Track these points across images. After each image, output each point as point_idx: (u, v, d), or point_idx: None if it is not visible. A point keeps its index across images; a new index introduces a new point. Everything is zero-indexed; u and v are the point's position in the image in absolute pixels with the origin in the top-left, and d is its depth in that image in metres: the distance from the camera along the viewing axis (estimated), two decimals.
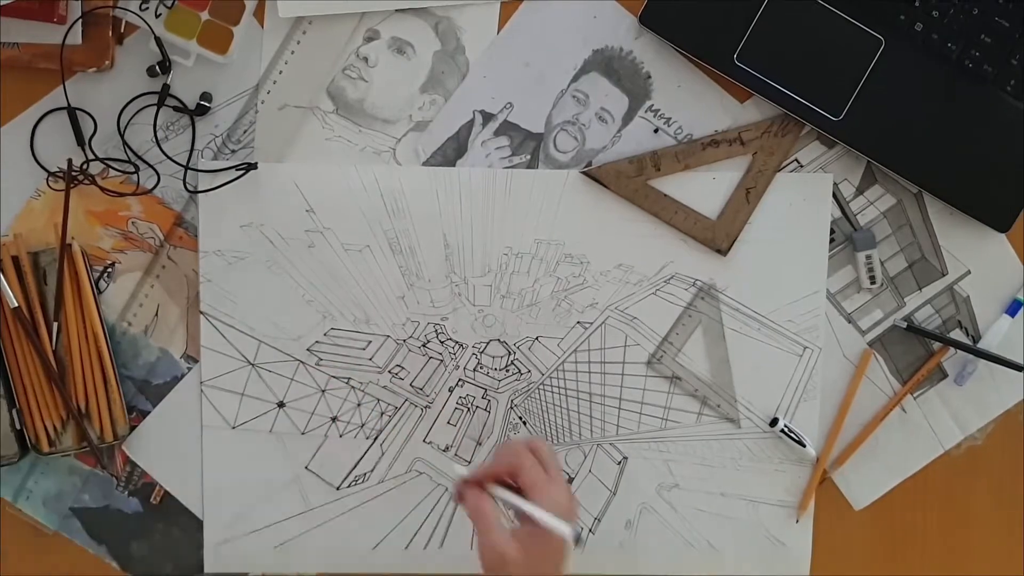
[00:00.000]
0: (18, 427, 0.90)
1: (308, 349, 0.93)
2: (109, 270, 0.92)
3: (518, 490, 0.74)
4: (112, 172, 0.92)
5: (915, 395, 0.94)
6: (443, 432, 0.94)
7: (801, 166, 0.93)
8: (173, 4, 0.90)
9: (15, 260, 0.89)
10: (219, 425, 0.93)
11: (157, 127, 0.91)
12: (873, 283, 0.91)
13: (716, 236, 0.91)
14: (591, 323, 0.93)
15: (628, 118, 0.92)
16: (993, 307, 0.94)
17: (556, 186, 0.92)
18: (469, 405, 0.94)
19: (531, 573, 0.71)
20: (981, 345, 0.93)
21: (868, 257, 0.92)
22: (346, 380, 0.93)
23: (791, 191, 0.92)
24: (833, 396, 0.94)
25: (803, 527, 0.94)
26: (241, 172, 0.90)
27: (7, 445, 0.90)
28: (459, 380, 0.94)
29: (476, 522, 0.73)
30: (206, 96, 0.91)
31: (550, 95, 0.92)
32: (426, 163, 0.92)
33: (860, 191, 0.93)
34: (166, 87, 0.90)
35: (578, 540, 0.69)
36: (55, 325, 0.90)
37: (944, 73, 0.90)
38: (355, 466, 0.94)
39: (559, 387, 0.94)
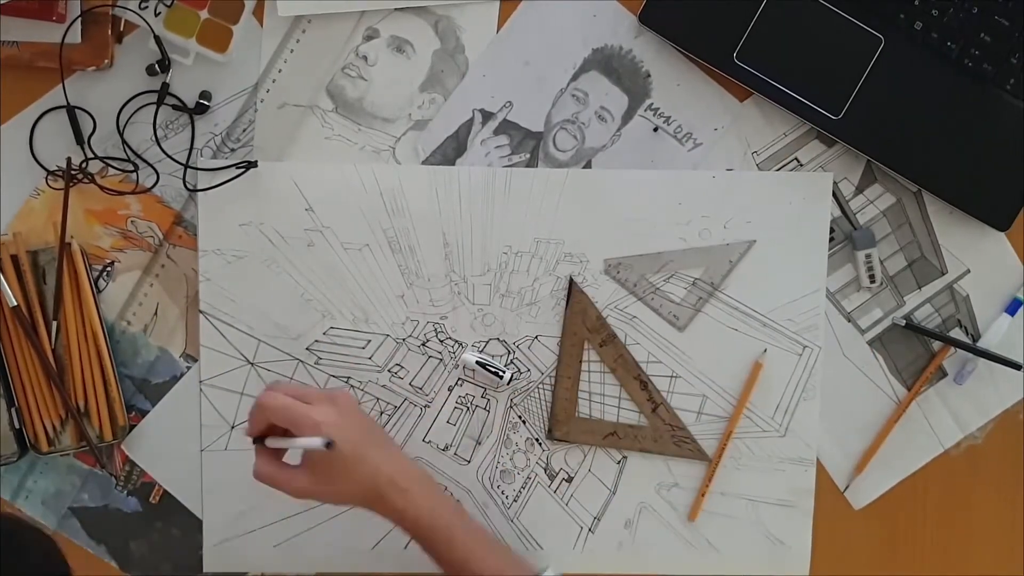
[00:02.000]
0: (17, 426, 0.90)
1: (307, 348, 0.93)
2: (108, 269, 0.92)
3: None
4: (111, 171, 0.92)
5: None
6: (442, 431, 0.94)
7: (801, 165, 0.93)
8: (172, 3, 0.90)
9: (14, 259, 0.89)
10: (218, 424, 0.93)
11: (156, 126, 0.91)
12: (872, 281, 0.91)
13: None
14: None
15: (628, 117, 0.92)
16: (993, 306, 0.94)
17: (556, 185, 0.92)
18: (468, 404, 0.94)
19: (329, 490, 0.79)
20: (981, 344, 0.93)
21: (868, 256, 0.92)
22: (345, 379, 0.93)
23: (791, 190, 0.92)
24: (833, 395, 0.93)
25: (803, 527, 0.94)
26: (241, 170, 0.90)
27: (6, 444, 0.90)
28: (458, 379, 0.94)
29: (268, 482, 0.80)
30: (205, 95, 0.91)
31: (549, 94, 0.92)
32: (425, 162, 0.92)
33: (860, 190, 0.93)
34: (165, 85, 0.90)
35: (329, 445, 0.74)
36: (54, 324, 0.90)
37: (944, 72, 0.90)
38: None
39: None
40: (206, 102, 0.91)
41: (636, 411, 0.93)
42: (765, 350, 0.93)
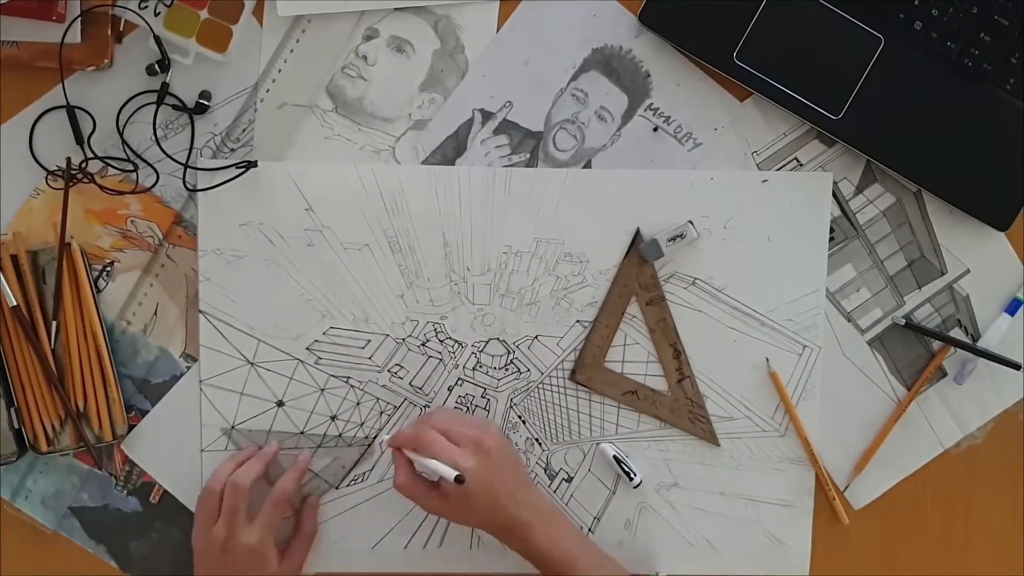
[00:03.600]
0: (16, 426, 0.90)
1: (307, 348, 0.93)
2: (108, 269, 0.92)
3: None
4: (111, 170, 0.91)
5: None
6: None
7: (800, 165, 0.93)
8: (172, 3, 0.90)
9: (14, 259, 0.89)
10: (218, 424, 0.93)
11: (156, 126, 0.91)
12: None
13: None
14: (590, 322, 0.93)
15: (627, 117, 0.92)
16: (992, 306, 0.94)
17: (555, 185, 0.92)
18: (468, 404, 0.94)
19: (462, 517, 0.87)
20: (980, 344, 0.93)
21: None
22: (345, 379, 0.93)
23: (790, 189, 0.92)
24: (833, 395, 0.93)
25: (803, 527, 0.94)
26: (241, 170, 0.90)
27: (5, 444, 0.90)
28: (458, 379, 0.94)
29: (407, 496, 0.86)
30: (205, 95, 0.91)
31: (549, 94, 0.92)
32: (425, 162, 0.92)
33: (859, 190, 0.93)
34: (165, 85, 0.90)
35: (459, 480, 0.80)
36: (54, 324, 0.90)
37: (943, 71, 0.90)
38: (354, 465, 0.94)
39: (559, 386, 0.94)
40: (206, 102, 0.91)
41: (662, 377, 0.93)
42: (767, 359, 0.93)
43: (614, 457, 0.92)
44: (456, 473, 0.81)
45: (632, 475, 0.92)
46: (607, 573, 0.88)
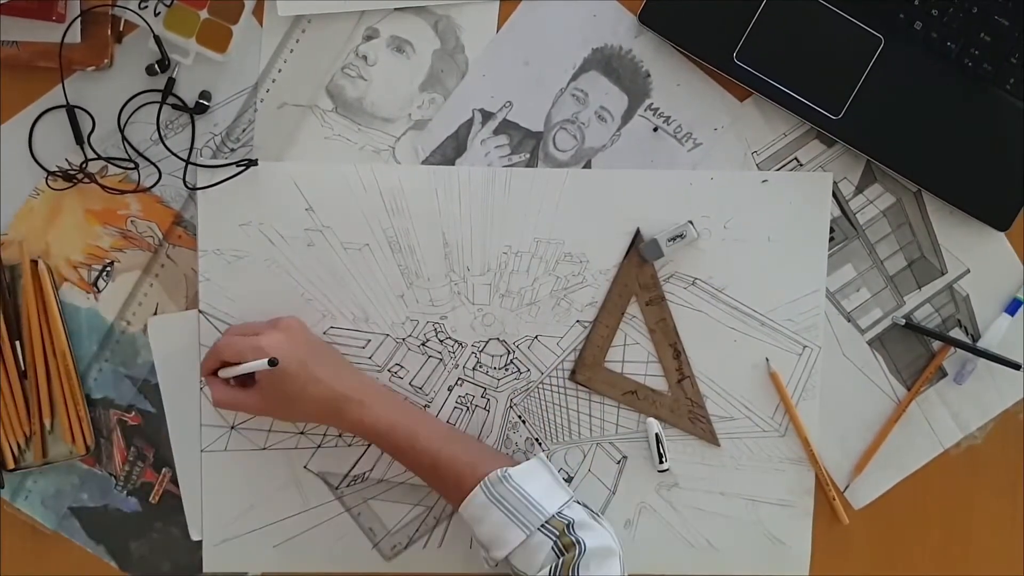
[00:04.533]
0: None
1: None
2: (108, 269, 0.92)
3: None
4: (111, 170, 0.91)
5: None
6: None
7: (800, 165, 0.93)
8: (172, 3, 0.90)
9: None
10: (218, 424, 0.93)
11: (160, 123, 0.91)
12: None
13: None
14: (590, 322, 0.93)
15: (627, 117, 0.92)
16: (992, 306, 0.94)
17: (555, 185, 0.92)
18: (468, 404, 0.94)
19: (283, 407, 0.86)
20: (980, 344, 0.93)
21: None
22: None
23: (790, 189, 0.92)
24: (833, 395, 0.93)
25: (803, 527, 0.94)
26: (242, 168, 0.90)
27: None
28: (458, 379, 0.94)
29: (225, 406, 0.87)
30: (205, 95, 0.91)
31: (549, 94, 0.92)
32: (425, 162, 0.92)
33: (859, 190, 0.93)
34: (171, 81, 0.90)
35: (272, 363, 0.79)
36: (17, 343, 0.90)
37: (943, 71, 0.90)
38: (354, 465, 0.93)
39: (559, 386, 0.94)
40: (206, 102, 0.91)
41: (662, 377, 0.93)
42: (767, 359, 0.93)
43: (656, 435, 0.92)
44: (268, 359, 0.80)
45: (664, 458, 0.92)
46: (454, 441, 0.87)
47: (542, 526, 0.81)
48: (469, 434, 0.92)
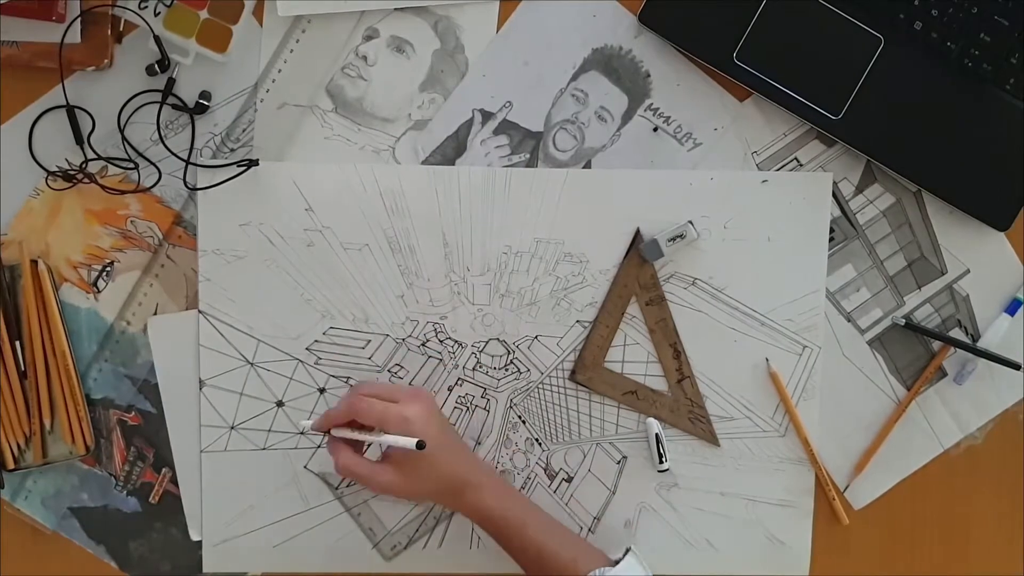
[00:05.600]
0: None
1: (307, 348, 0.93)
2: (108, 269, 0.92)
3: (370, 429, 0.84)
4: (111, 170, 0.91)
5: None
6: None
7: (800, 165, 0.93)
8: (172, 3, 0.90)
9: None
10: (218, 424, 0.93)
11: (160, 124, 0.91)
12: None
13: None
14: (590, 322, 0.93)
15: (627, 117, 0.92)
16: (992, 306, 0.94)
17: (555, 185, 0.92)
18: (468, 404, 0.94)
19: (415, 487, 0.83)
20: (980, 344, 0.93)
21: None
22: (345, 379, 0.93)
23: (790, 190, 0.92)
24: (833, 395, 0.93)
25: (803, 527, 0.94)
26: (243, 168, 0.90)
27: None
28: (458, 379, 0.94)
29: (354, 477, 0.83)
30: (205, 95, 0.91)
31: (549, 94, 0.92)
32: (425, 162, 0.92)
33: (859, 190, 0.93)
34: (171, 81, 0.90)
35: (420, 446, 0.78)
36: (17, 344, 0.90)
37: (943, 72, 0.90)
38: None
39: (559, 386, 0.94)
40: (206, 102, 0.91)
41: (662, 377, 0.93)
42: (767, 359, 0.93)
43: (656, 435, 0.92)
44: (416, 440, 0.78)
45: (664, 458, 0.92)
46: (556, 534, 0.87)
47: None
48: (569, 528, 0.91)
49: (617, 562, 0.85)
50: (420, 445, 0.78)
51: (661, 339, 0.93)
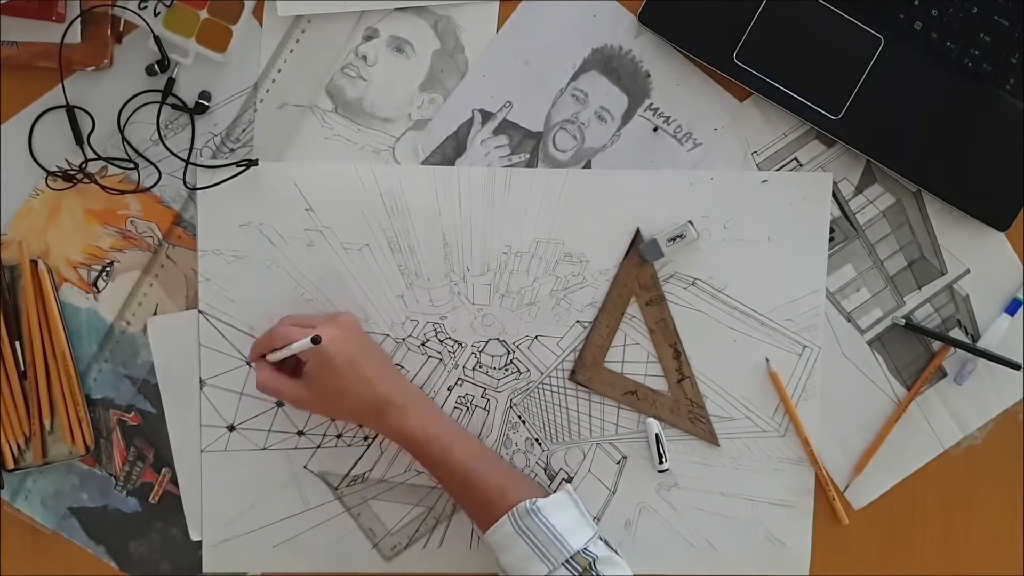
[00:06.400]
0: None
1: None
2: (108, 269, 0.92)
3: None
4: (111, 170, 0.91)
5: None
6: None
7: (800, 165, 0.93)
8: (172, 3, 0.90)
9: None
10: (218, 424, 0.93)
11: (160, 124, 0.91)
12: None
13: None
14: (590, 322, 0.93)
15: (627, 117, 0.92)
16: (992, 306, 0.94)
17: (555, 185, 0.92)
18: (468, 404, 0.94)
19: (327, 401, 0.86)
20: (980, 344, 0.93)
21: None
22: None
23: (790, 189, 0.92)
24: (833, 395, 0.93)
25: (803, 527, 0.94)
26: (242, 168, 0.90)
27: None
28: (458, 379, 0.94)
29: (268, 390, 0.86)
30: (205, 95, 0.91)
31: (549, 94, 0.92)
32: (425, 162, 0.92)
33: (859, 190, 0.93)
34: (171, 81, 0.90)
35: (315, 340, 0.80)
36: (17, 344, 0.90)
37: (943, 72, 0.90)
38: (354, 466, 0.93)
39: (558, 386, 0.93)
40: (205, 102, 0.91)
41: (662, 377, 0.93)
42: (768, 359, 0.93)
43: (656, 436, 0.92)
44: (312, 336, 0.80)
45: (664, 459, 0.92)
46: (486, 460, 0.87)
47: (566, 561, 0.81)
48: (502, 456, 0.91)
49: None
50: (315, 340, 0.80)
51: (661, 339, 0.93)
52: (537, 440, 0.94)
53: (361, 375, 0.84)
